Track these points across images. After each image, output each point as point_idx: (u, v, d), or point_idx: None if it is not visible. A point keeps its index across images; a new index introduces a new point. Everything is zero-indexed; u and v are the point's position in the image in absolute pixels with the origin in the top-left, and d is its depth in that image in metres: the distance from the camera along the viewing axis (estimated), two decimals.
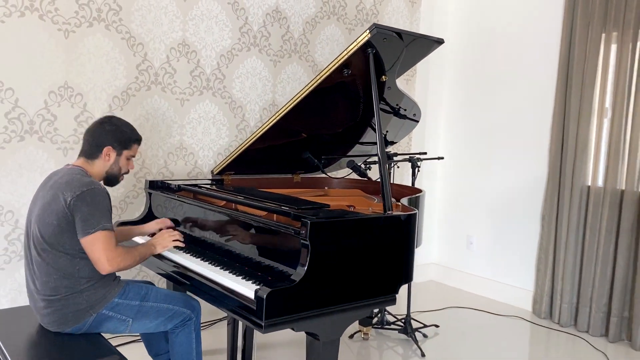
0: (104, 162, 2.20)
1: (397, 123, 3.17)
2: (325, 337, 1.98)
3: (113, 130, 2.21)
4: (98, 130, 2.21)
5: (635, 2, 3.44)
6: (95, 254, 1.99)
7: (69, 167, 2.16)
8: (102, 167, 2.21)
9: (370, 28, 2.17)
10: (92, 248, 1.99)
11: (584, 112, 3.70)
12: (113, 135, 2.21)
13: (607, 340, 3.63)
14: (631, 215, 3.50)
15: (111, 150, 2.20)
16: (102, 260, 1.99)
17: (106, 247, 1.99)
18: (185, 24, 3.41)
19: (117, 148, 2.22)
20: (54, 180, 2.09)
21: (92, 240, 1.97)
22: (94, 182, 2.06)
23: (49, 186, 2.08)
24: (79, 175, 2.08)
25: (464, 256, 4.64)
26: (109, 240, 2.00)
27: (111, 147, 2.20)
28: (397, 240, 2.13)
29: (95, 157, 2.19)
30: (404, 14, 4.54)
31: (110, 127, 2.21)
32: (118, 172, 2.26)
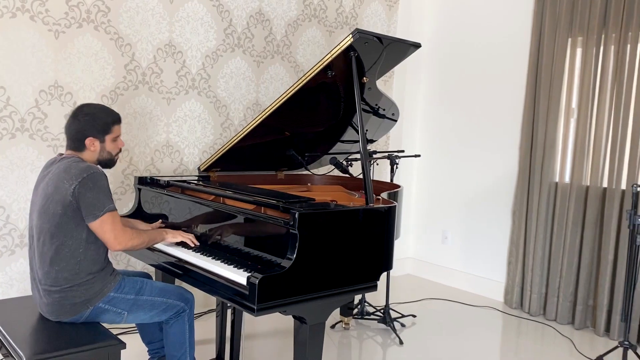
0: (91, 152, 2.24)
1: (376, 122, 3.32)
2: (312, 321, 2.12)
3: (88, 120, 2.21)
4: (74, 124, 2.21)
5: (598, 10, 3.66)
6: (106, 234, 2.10)
7: (64, 157, 2.21)
8: (92, 157, 2.24)
9: (352, 33, 2.31)
10: (101, 230, 2.09)
11: (552, 112, 3.92)
12: (90, 124, 2.21)
13: (573, 327, 3.85)
14: (595, 210, 3.72)
15: (93, 140, 2.22)
16: (111, 239, 2.10)
17: (113, 227, 2.10)
18: (171, 26, 3.52)
19: (99, 136, 2.23)
20: (52, 172, 2.16)
21: (100, 223, 2.08)
22: (92, 167, 2.12)
23: (49, 178, 2.16)
24: (75, 162, 2.14)
25: (439, 250, 4.83)
26: (115, 219, 2.12)
27: (92, 137, 2.21)
28: (378, 231, 2.29)
29: (82, 149, 2.22)
30: (381, 17, 4.71)
31: (85, 118, 2.21)
32: (110, 156, 2.30)
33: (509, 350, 3.49)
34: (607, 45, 3.66)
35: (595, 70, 3.72)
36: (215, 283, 2.14)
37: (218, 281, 2.13)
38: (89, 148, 2.23)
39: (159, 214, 2.84)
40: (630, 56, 3.55)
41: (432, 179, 4.88)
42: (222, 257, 2.30)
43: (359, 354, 3.32)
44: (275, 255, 2.14)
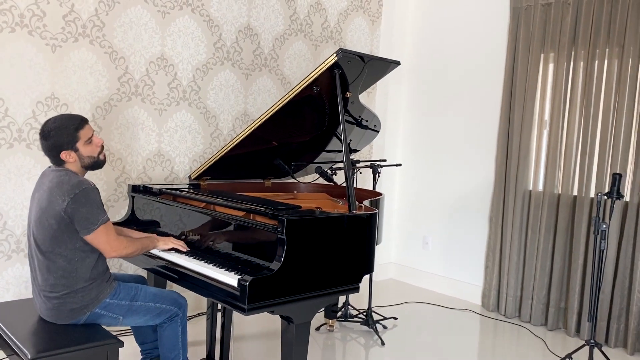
0: (71, 163, 2.28)
1: (359, 133, 3.49)
2: (298, 320, 2.28)
3: (54, 135, 2.21)
4: (44, 143, 2.24)
5: (568, 28, 3.88)
6: (101, 245, 2.23)
7: (56, 169, 2.29)
8: (75, 167, 2.29)
9: (336, 52, 2.49)
10: (97, 242, 2.22)
11: (526, 124, 4.13)
12: (56, 139, 2.22)
13: (546, 328, 4.05)
14: (566, 216, 3.93)
15: (68, 152, 2.24)
16: (107, 249, 2.24)
17: (108, 237, 2.24)
18: (163, 40, 3.66)
19: (70, 146, 2.24)
20: (47, 185, 2.25)
21: (95, 235, 2.21)
22: (83, 182, 2.21)
23: (43, 190, 2.26)
24: (67, 177, 2.22)
25: (420, 255, 5.01)
26: (109, 231, 2.25)
27: (64, 150, 2.24)
28: (360, 236, 2.45)
29: (62, 164, 2.28)
30: (365, 32, 4.90)
31: (51, 133, 2.22)
32: (92, 160, 2.32)
33: (485, 351, 3.67)
34: (576, 61, 3.89)
35: (566, 85, 3.94)
36: (208, 285, 2.29)
37: (211, 284, 2.27)
38: (67, 160, 2.26)
39: (151, 221, 2.97)
40: (598, 71, 3.78)
41: (413, 187, 5.07)
42: (214, 261, 2.44)
43: (342, 354, 3.47)
44: (264, 259, 2.29)
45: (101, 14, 3.36)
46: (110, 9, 3.40)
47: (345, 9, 4.73)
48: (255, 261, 2.34)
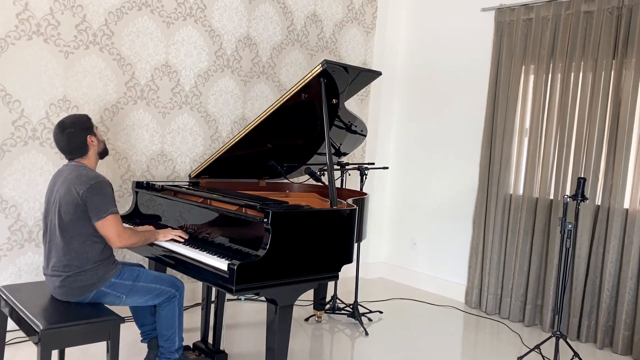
0: (93, 148, 2.65)
1: (350, 137, 3.75)
2: (282, 303, 2.53)
3: (75, 126, 2.59)
4: (67, 136, 2.57)
5: (547, 42, 4.14)
6: (108, 232, 2.50)
7: (73, 165, 2.61)
8: (94, 152, 2.66)
9: (322, 63, 2.75)
10: (105, 229, 2.50)
11: (508, 131, 4.38)
12: (79, 128, 2.59)
13: (523, 324, 4.29)
14: (543, 219, 4.17)
15: (91, 137, 2.63)
16: (113, 237, 2.51)
17: (116, 227, 2.51)
18: (168, 48, 3.95)
19: (90, 131, 2.64)
20: (64, 177, 2.56)
21: (104, 222, 2.48)
22: (99, 176, 2.55)
23: (61, 181, 2.56)
24: (84, 170, 2.56)
25: (409, 255, 5.26)
26: (117, 221, 2.52)
27: (89, 134, 2.62)
28: (340, 230, 2.71)
29: (86, 151, 2.63)
30: (359, 42, 5.17)
31: (72, 127, 2.58)
32: (103, 145, 2.74)
33: (465, 344, 3.90)
34: (554, 73, 4.14)
35: (545, 95, 4.20)
36: (202, 270, 2.54)
37: (205, 269, 2.53)
38: (91, 146, 2.63)
39: (153, 215, 3.24)
40: (574, 83, 4.03)
41: (403, 189, 5.32)
42: (208, 249, 2.70)
43: (329, 343, 3.72)
44: (252, 248, 2.54)
45: (110, 24, 3.65)
46: (119, 19, 3.68)
47: (341, 20, 5.00)
48: (245, 250, 2.59)
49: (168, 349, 2.78)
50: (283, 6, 4.56)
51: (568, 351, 3.52)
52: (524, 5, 4.29)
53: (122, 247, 2.59)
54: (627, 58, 3.79)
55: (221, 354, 3.15)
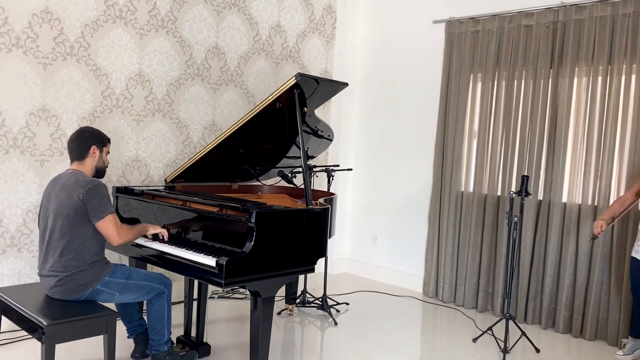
0: (92, 159, 2.85)
1: (316, 141, 4.04)
2: (265, 294, 2.79)
3: (92, 135, 2.86)
4: (81, 136, 2.84)
5: (492, 53, 4.56)
6: (109, 231, 2.70)
7: (70, 172, 2.81)
8: (91, 164, 2.85)
9: (295, 75, 3.03)
10: (105, 227, 2.69)
11: (458, 133, 4.78)
12: (93, 137, 2.86)
13: (476, 310, 4.69)
14: (492, 213, 4.59)
15: (96, 149, 2.85)
16: (114, 235, 2.70)
17: (115, 225, 2.71)
18: (141, 58, 4.12)
19: (99, 146, 2.87)
20: (63, 183, 2.75)
21: (104, 222, 2.68)
22: (96, 180, 2.76)
23: (59, 187, 2.74)
24: (82, 176, 2.76)
25: (370, 250, 5.60)
26: (115, 220, 2.72)
27: (95, 146, 2.85)
28: (315, 226, 3.00)
29: (85, 157, 2.83)
30: (320, 51, 5.48)
31: (90, 133, 2.87)
32: (103, 165, 2.92)
33: (425, 330, 4.26)
34: (499, 81, 4.57)
35: (491, 100, 4.61)
36: (191, 267, 2.78)
37: (193, 265, 2.76)
38: (91, 155, 2.84)
39: (133, 218, 3.42)
40: (517, 90, 4.46)
41: (364, 189, 5.66)
42: (194, 248, 2.93)
43: (301, 334, 4.00)
44: (233, 246, 2.79)
45: (87, 36, 3.81)
46: (95, 31, 3.84)
47: (303, 30, 5.29)
48: (228, 248, 2.84)
49: (158, 341, 2.99)
50: (249, 17, 4.81)
51: (517, 332, 3.93)
52: (472, 19, 4.70)
53: (121, 243, 2.77)
54: (563, 67, 4.24)
55: (205, 346, 3.38)
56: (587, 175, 4.13)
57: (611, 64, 4.03)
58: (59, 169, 3.72)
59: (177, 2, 4.28)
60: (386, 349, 3.73)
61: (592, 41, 4.09)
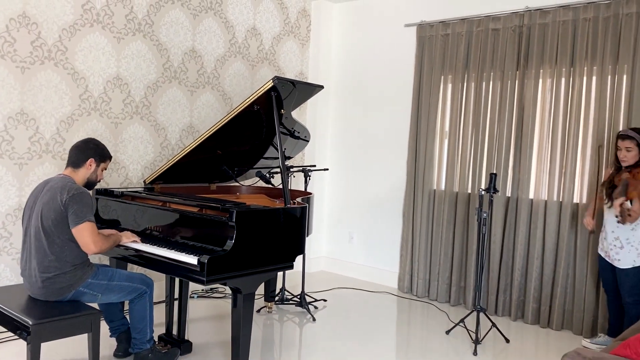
0: (86, 170, 2.91)
1: (292, 142, 4.14)
2: (245, 291, 2.89)
3: (95, 147, 2.96)
4: (84, 146, 2.94)
5: (461, 55, 4.73)
6: (85, 239, 2.73)
7: (61, 176, 2.86)
8: (84, 175, 2.91)
9: (272, 79, 3.13)
10: (81, 234, 2.73)
11: (430, 133, 4.94)
12: (95, 150, 2.94)
13: (449, 304, 4.86)
14: (463, 210, 4.76)
15: (93, 162, 2.92)
16: (89, 243, 2.74)
17: (92, 233, 2.75)
18: (119, 62, 4.17)
19: (97, 160, 2.94)
20: (50, 185, 2.80)
21: (81, 228, 2.72)
22: (82, 188, 2.82)
23: (46, 189, 2.79)
24: (70, 182, 2.81)
25: (346, 249, 5.73)
26: (93, 228, 2.77)
27: (93, 159, 2.92)
28: (294, 225, 3.10)
29: (80, 166, 2.90)
30: (295, 53, 5.58)
31: (93, 145, 2.96)
32: (95, 179, 2.98)
33: (401, 324, 4.41)
34: (468, 83, 4.74)
35: (461, 101, 4.79)
36: (173, 266, 2.86)
37: (175, 264, 2.84)
38: (86, 166, 2.91)
39: (114, 219, 3.47)
40: (485, 91, 4.64)
41: (340, 188, 5.79)
42: (175, 247, 3.00)
43: (280, 330, 4.10)
44: (214, 245, 2.87)
45: (64, 40, 3.84)
46: (73, 35, 3.88)
47: (278, 33, 5.39)
48: (208, 247, 2.92)
49: (140, 340, 3.06)
50: (225, 21, 4.88)
51: (488, 323, 4.10)
52: (442, 22, 4.87)
53: (96, 252, 2.81)
54: (528, 69, 4.43)
55: (186, 343, 3.45)
56: (552, 172, 4.32)
57: (573, 66, 4.23)
58: (38, 172, 3.76)
59: (154, 6, 4.34)
60: (363, 343, 3.86)
61: (555, 44, 4.29)
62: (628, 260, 3.60)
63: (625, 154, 3.62)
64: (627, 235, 3.60)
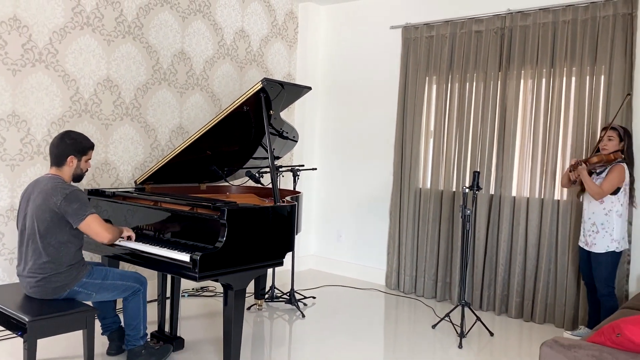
0: (69, 167, 2.92)
1: (281, 142, 4.22)
2: (236, 287, 2.97)
3: (72, 143, 2.90)
4: (61, 144, 2.88)
5: (446, 57, 4.85)
6: (95, 229, 2.79)
7: (49, 176, 2.90)
8: (69, 172, 2.94)
9: (262, 80, 3.21)
10: (90, 227, 2.79)
11: (416, 133, 5.05)
12: (73, 146, 2.90)
13: (435, 300, 4.97)
14: (448, 208, 4.88)
15: (73, 159, 2.91)
16: (102, 232, 2.80)
17: (100, 223, 2.82)
18: (109, 64, 4.23)
19: (77, 156, 2.92)
20: (41, 187, 2.84)
21: (87, 222, 2.78)
22: (72, 186, 2.85)
23: (37, 191, 2.83)
24: (60, 182, 2.85)
25: (335, 247, 5.82)
26: (99, 218, 2.84)
27: (73, 156, 2.90)
28: (283, 222, 3.19)
29: (62, 164, 2.91)
30: (283, 55, 5.67)
31: (70, 141, 2.90)
32: (81, 172, 2.99)
33: (389, 319, 4.51)
34: (452, 83, 4.86)
35: (445, 102, 4.90)
36: (166, 264, 2.93)
37: (168, 262, 2.91)
38: (68, 164, 2.91)
39: (106, 220, 3.51)
40: (468, 92, 4.76)
41: (328, 187, 5.88)
42: (168, 245, 3.07)
43: (270, 327, 4.18)
44: (205, 243, 2.95)
45: (55, 43, 3.89)
46: (63, 38, 3.93)
47: (266, 35, 5.47)
48: (199, 244, 3.00)
49: (134, 336, 3.13)
50: (213, 23, 4.96)
51: (473, 317, 4.22)
52: (426, 24, 4.98)
53: (110, 239, 2.87)
54: (510, 70, 4.55)
55: (179, 340, 3.52)
56: (534, 170, 4.45)
57: (553, 67, 4.37)
58: (30, 173, 3.80)
59: (143, 9, 4.40)
60: (352, 338, 3.95)
61: (536, 46, 4.42)
62: (602, 244, 3.73)
63: (606, 143, 3.76)
64: (602, 220, 3.74)
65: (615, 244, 3.71)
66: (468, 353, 3.74)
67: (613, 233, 3.71)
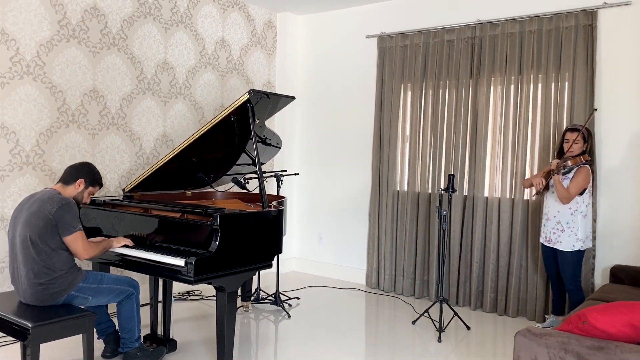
0: (74, 188, 3.09)
1: (264, 149, 4.38)
2: (229, 289, 3.12)
3: (90, 171, 3.17)
4: (80, 167, 3.16)
5: (420, 65, 5.08)
6: (77, 247, 2.93)
7: (48, 189, 3.03)
8: (72, 192, 3.09)
9: (248, 91, 3.37)
10: (73, 243, 2.92)
11: (392, 138, 5.27)
12: (88, 174, 3.15)
13: (414, 297, 5.19)
14: (424, 209, 5.10)
15: (83, 182, 3.11)
16: (82, 251, 2.93)
17: (82, 242, 2.94)
18: (95, 75, 4.33)
19: (87, 182, 3.14)
20: (37, 197, 2.96)
21: (73, 238, 2.91)
22: (68, 198, 2.99)
23: (33, 201, 2.95)
24: (57, 194, 2.98)
25: (316, 249, 6.00)
26: (83, 237, 2.96)
27: (84, 179, 3.12)
28: (272, 226, 3.35)
29: (70, 183, 3.08)
30: (263, 63, 5.83)
31: (89, 169, 3.17)
32: (80, 199, 3.16)
33: (370, 317, 4.70)
34: (426, 91, 5.09)
35: (420, 108, 5.13)
36: (162, 268, 3.06)
37: (163, 267, 3.04)
38: (75, 185, 3.10)
39: (96, 227, 3.62)
40: (442, 98, 4.99)
41: (308, 191, 6.06)
42: (162, 251, 3.20)
43: (257, 328, 4.33)
44: (197, 248, 3.08)
45: (42, 55, 3.98)
46: (50, 50, 4.02)
47: (246, 44, 5.62)
48: (192, 249, 3.13)
49: (129, 339, 3.25)
50: (195, 33, 5.09)
51: (450, 313, 4.44)
52: (401, 34, 5.20)
53: (87, 258, 3.01)
54: (481, 78, 4.81)
55: (172, 342, 3.65)
56: (504, 172, 4.70)
57: (521, 74, 4.63)
58: (19, 183, 3.88)
59: (127, 21, 4.51)
60: (336, 336, 4.13)
61: (504, 54, 4.68)
62: (568, 243, 3.96)
63: (572, 146, 3.95)
64: (567, 220, 3.96)
65: (580, 243, 3.95)
66: (447, 346, 3.96)
67: (578, 232, 3.94)
